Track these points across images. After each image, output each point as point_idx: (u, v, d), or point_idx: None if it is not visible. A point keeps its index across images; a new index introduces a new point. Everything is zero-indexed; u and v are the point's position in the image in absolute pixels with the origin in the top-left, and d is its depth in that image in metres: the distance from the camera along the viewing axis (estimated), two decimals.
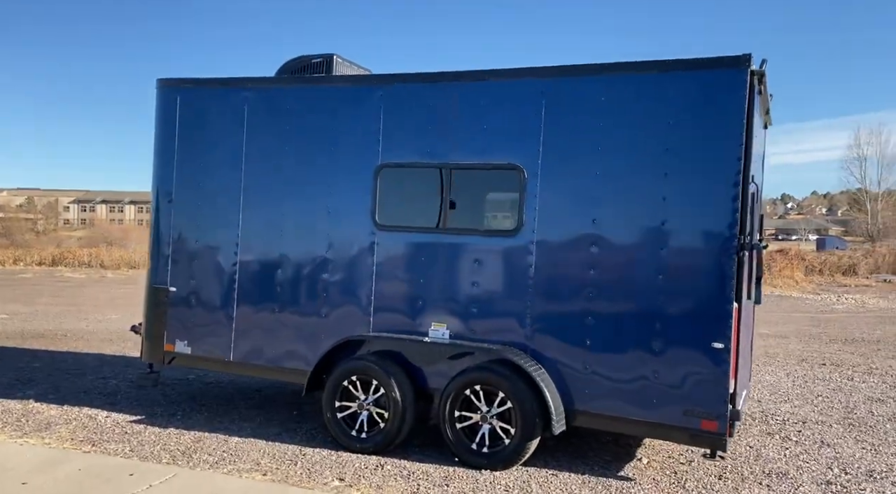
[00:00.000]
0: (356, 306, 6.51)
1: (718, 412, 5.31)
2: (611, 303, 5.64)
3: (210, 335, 7.09)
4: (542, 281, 5.85)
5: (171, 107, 7.31)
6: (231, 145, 7.03)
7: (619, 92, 5.64)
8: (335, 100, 6.63)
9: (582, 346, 5.71)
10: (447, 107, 6.20)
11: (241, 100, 7.00)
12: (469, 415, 5.93)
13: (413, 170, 6.39)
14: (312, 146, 6.70)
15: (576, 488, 5.47)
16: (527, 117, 5.91)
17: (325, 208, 6.64)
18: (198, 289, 7.17)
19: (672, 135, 5.46)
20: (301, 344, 6.69)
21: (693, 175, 5.41)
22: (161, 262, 7.37)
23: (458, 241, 6.18)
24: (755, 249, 5.47)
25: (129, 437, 6.53)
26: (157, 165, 7.44)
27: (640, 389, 5.53)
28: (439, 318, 6.21)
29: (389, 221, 6.44)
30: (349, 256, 6.57)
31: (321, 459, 6.00)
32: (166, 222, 7.35)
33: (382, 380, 6.14)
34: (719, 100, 5.33)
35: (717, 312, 5.32)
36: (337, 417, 6.32)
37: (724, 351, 5.29)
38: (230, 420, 7.18)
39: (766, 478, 5.79)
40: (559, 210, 5.83)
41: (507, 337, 5.95)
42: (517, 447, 5.72)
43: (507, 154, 5.99)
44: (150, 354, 7.46)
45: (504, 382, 5.76)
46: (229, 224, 7.03)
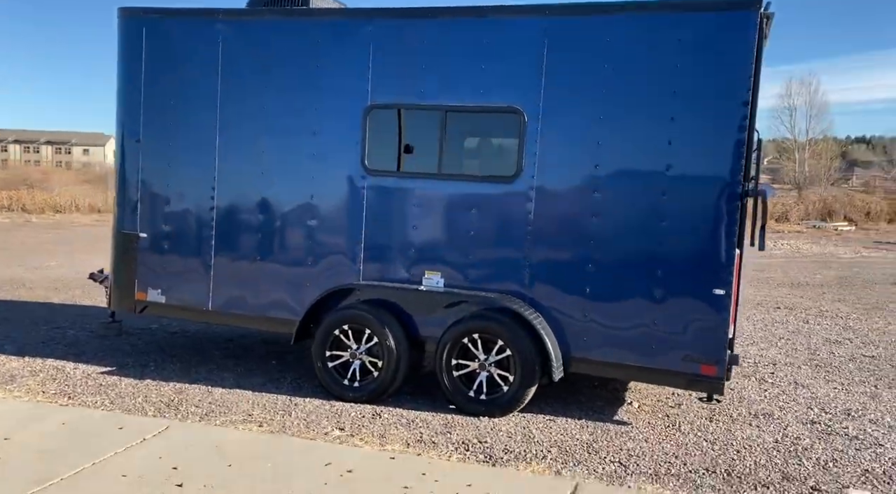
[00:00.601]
0: (345, 254, 6.29)
1: (718, 357, 5.37)
2: (612, 251, 5.60)
3: (186, 283, 6.78)
4: (542, 227, 5.75)
5: (135, 40, 6.81)
6: (204, 83, 6.61)
7: (625, 32, 5.49)
8: (320, 35, 6.27)
9: (581, 294, 5.67)
10: (443, 45, 5.94)
11: (215, 33, 6.55)
12: (466, 363, 5.86)
13: (405, 112, 6.15)
14: (295, 84, 6.36)
15: (575, 432, 5.50)
16: (528, 58, 5.71)
17: (309, 151, 6.34)
18: (171, 236, 6.81)
19: (679, 77, 5.36)
20: (286, 292, 6.46)
21: (699, 119, 5.35)
22: (129, 207, 6.96)
23: (453, 187, 6.00)
24: (760, 195, 5.48)
25: (104, 389, 6.24)
26: (122, 103, 6.97)
27: (639, 336, 5.54)
28: (433, 266, 6.06)
29: (380, 166, 6.20)
30: (336, 202, 6.32)
31: (314, 409, 5.86)
32: (133, 164, 6.93)
33: (376, 329, 5.99)
34: (729, 42, 5.24)
35: (720, 259, 5.33)
36: (328, 366, 6.17)
37: (726, 298, 5.33)
38: (208, 371, 6.94)
39: (754, 419, 5.94)
40: (560, 154, 5.70)
41: (505, 285, 5.86)
42: (516, 393, 5.70)
43: (506, 96, 5.79)
44: (120, 303, 7.12)
45: (503, 330, 5.69)
46: (204, 167, 6.66)
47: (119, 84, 6.97)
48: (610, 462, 4.92)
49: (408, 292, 6.04)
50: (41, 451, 4.73)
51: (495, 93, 5.82)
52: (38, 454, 4.69)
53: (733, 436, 5.52)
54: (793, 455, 5.15)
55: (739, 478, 4.72)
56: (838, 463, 5.02)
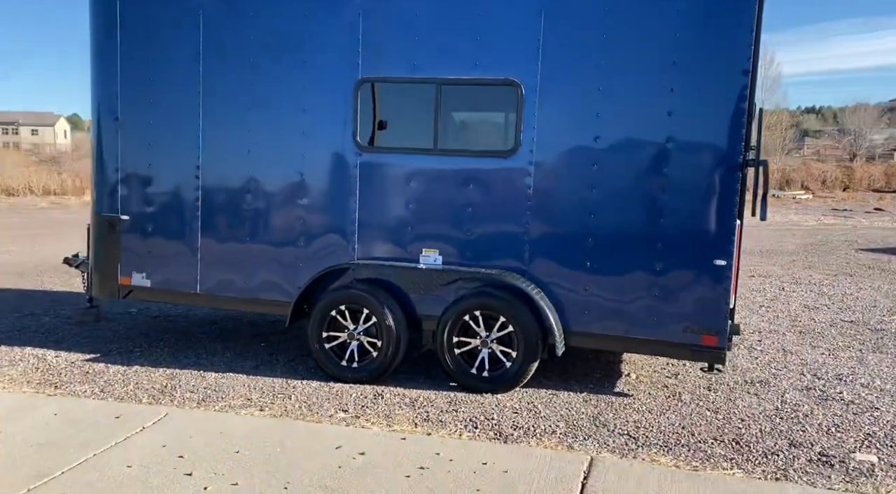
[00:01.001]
0: (337, 233, 6.16)
1: (719, 327, 5.39)
2: (612, 224, 5.56)
3: (172, 266, 6.58)
4: (541, 202, 5.68)
5: (110, 11, 6.51)
6: (185, 56, 6.37)
7: (624, 2, 5.41)
8: (308, 6, 6.07)
9: (582, 268, 5.64)
10: (436, 15, 5.79)
11: (196, 3, 6.30)
12: (468, 341, 5.80)
13: (398, 86, 6.01)
14: (281, 57, 6.15)
15: (580, 405, 5.50)
16: (525, 29, 5.60)
17: (298, 128, 6.17)
18: (155, 217, 6.59)
19: (679, 47, 5.32)
20: (277, 273, 6.31)
21: (699, 90, 5.31)
22: (108, 189, 6.71)
23: (449, 163, 5.89)
24: (761, 165, 5.49)
25: (92, 377, 6.05)
26: (98, 79, 6.68)
27: (640, 308, 5.54)
28: (430, 244, 5.97)
29: (372, 142, 6.06)
30: (328, 180, 6.17)
31: (314, 391, 5.76)
32: (112, 144, 6.66)
33: (374, 308, 5.89)
34: (729, 12, 5.20)
35: (721, 230, 5.34)
36: (325, 347, 6.06)
37: (726, 268, 5.34)
38: (197, 355, 6.77)
39: (751, 387, 6.01)
40: (559, 127, 5.62)
41: (504, 261, 5.80)
42: (519, 369, 5.67)
43: (502, 68, 5.68)
44: (101, 288, 6.89)
45: (505, 306, 5.65)
46: (188, 145, 6.43)
47: (93, 60, 6.68)
48: (619, 435, 4.93)
49: (405, 270, 5.95)
50: (38, 444, 4.56)
51: (491, 65, 5.71)
52: (34, 447, 4.52)
53: (734, 405, 5.57)
54: (795, 422, 5.22)
55: (748, 446, 4.77)
56: (840, 428, 5.11)
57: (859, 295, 10.37)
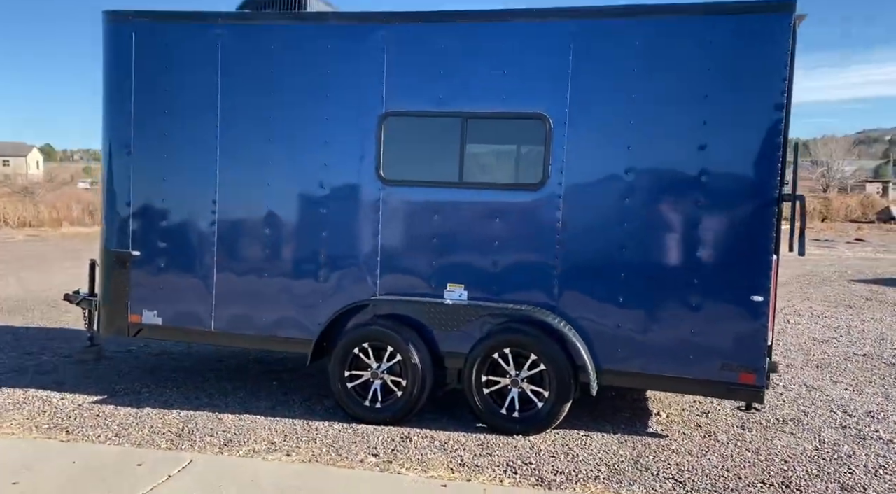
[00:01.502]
0: (359, 268, 5.99)
1: (757, 365, 5.28)
2: (645, 258, 5.45)
3: (185, 303, 6.36)
4: (571, 236, 5.57)
5: (124, 45, 6.37)
6: (203, 90, 6.22)
7: (656, 35, 5.36)
8: (330, 39, 5.96)
9: (614, 303, 5.51)
10: (462, 50, 5.71)
11: (214, 37, 6.17)
12: (497, 380, 5.63)
13: (423, 120, 5.89)
14: (303, 91, 6.03)
15: (616, 447, 5.33)
16: (554, 62, 5.53)
17: (320, 161, 6.03)
18: (168, 253, 6.38)
19: (712, 81, 5.26)
20: (296, 310, 6.12)
21: (733, 123, 5.25)
22: (119, 224, 6.49)
23: (475, 196, 5.77)
24: (797, 200, 5.43)
25: (103, 421, 5.78)
26: (109, 113, 6.50)
27: (675, 345, 5.42)
28: (456, 279, 5.82)
29: (396, 175, 5.92)
30: (350, 213, 6.01)
31: (338, 433, 5.54)
32: (124, 178, 6.46)
33: (399, 346, 5.71)
34: (762, 46, 5.16)
35: (757, 265, 5.25)
36: (347, 387, 5.86)
37: (764, 304, 5.24)
38: (208, 396, 6.52)
39: (785, 425, 5.88)
40: (589, 160, 5.54)
41: (532, 296, 5.66)
42: (551, 410, 5.50)
43: (530, 102, 5.60)
44: (109, 326, 6.63)
45: (537, 344, 5.50)
46: (204, 179, 6.26)
47: (105, 93, 6.50)
48: (664, 479, 4.77)
49: (430, 306, 5.78)
50: None
51: (519, 98, 5.62)
52: None
53: (773, 445, 5.44)
54: (840, 463, 5.09)
55: (798, 490, 4.63)
56: (888, 469, 4.99)
57: (864, 327, 10.34)
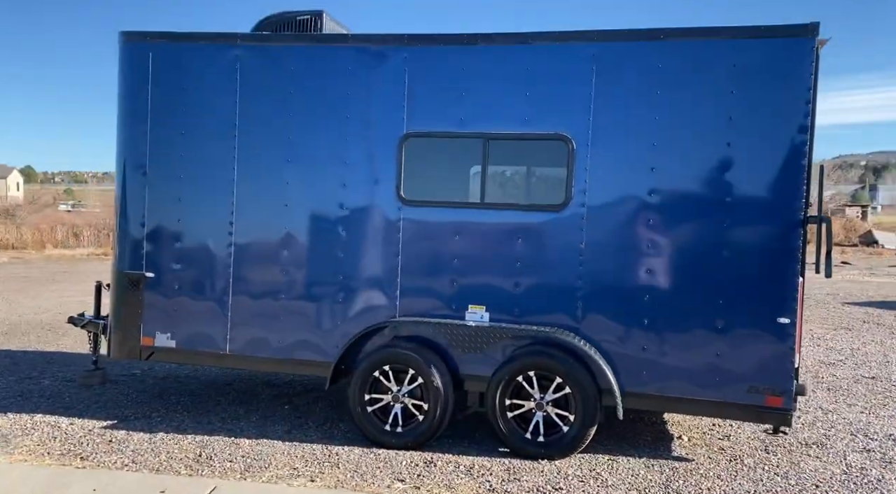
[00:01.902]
0: (379, 289, 5.93)
1: (784, 387, 5.25)
2: (670, 280, 5.43)
3: (200, 326, 6.26)
4: (594, 257, 5.54)
5: (141, 66, 6.32)
6: (221, 110, 6.18)
7: (678, 58, 5.39)
8: (350, 61, 5.95)
9: (639, 326, 5.48)
10: (484, 72, 5.71)
11: (233, 59, 6.15)
12: (521, 403, 5.57)
13: (444, 141, 5.87)
14: (323, 113, 6.00)
15: (644, 472, 5.27)
16: (576, 84, 5.54)
17: (339, 181, 5.99)
18: (183, 275, 6.29)
19: (735, 104, 5.28)
20: (314, 332, 6.04)
21: (757, 145, 5.26)
22: (132, 245, 6.40)
23: (497, 217, 5.74)
24: (823, 222, 5.43)
25: (117, 447, 5.64)
26: (125, 133, 6.44)
27: (701, 368, 5.38)
28: (477, 300, 5.77)
29: (417, 196, 5.89)
30: (369, 234, 5.97)
31: (359, 458, 5.44)
32: (138, 199, 6.39)
33: (421, 369, 5.64)
34: (786, 69, 5.19)
35: (784, 286, 5.24)
36: (367, 411, 5.77)
37: (791, 326, 5.23)
38: (221, 420, 6.40)
39: (809, 449, 5.84)
40: (612, 182, 5.53)
41: (555, 318, 5.62)
42: (577, 434, 5.43)
43: (553, 123, 5.60)
44: (120, 349, 6.51)
45: (563, 367, 5.44)
46: (221, 200, 6.20)
47: (120, 113, 6.44)
48: None
49: (452, 328, 5.72)
50: None
51: (541, 120, 5.62)
52: None
53: (801, 469, 5.39)
54: (871, 488, 5.05)
55: None
56: None
57: (866, 350, 10.37)
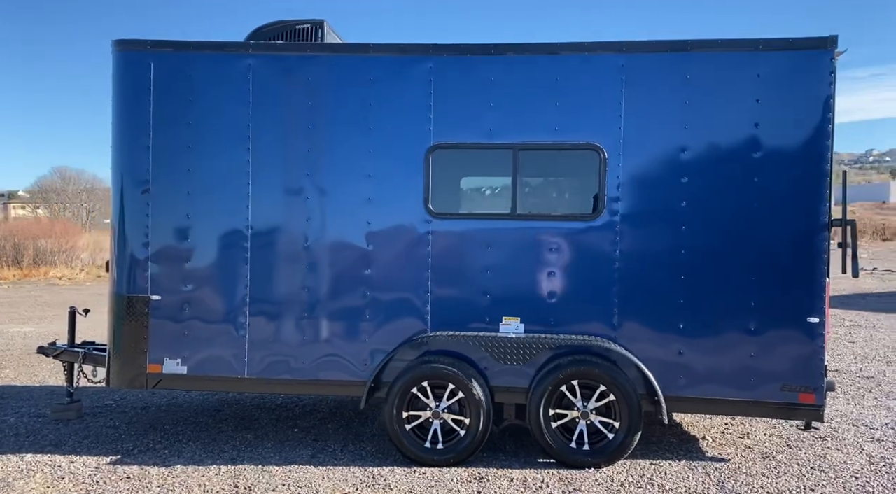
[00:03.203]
0: (409, 303, 5.79)
1: (816, 384, 5.44)
2: (704, 285, 5.55)
3: (214, 349, 5.93)
4: (628, 264, 5.60)
5: (141, 76, 5.97)
6: (233, 123, 5.91)
7: (705, 69, 5.53)
8: (373, 71, 5.81)
9: (674, 331, 5.57)
10: (513, 82, 5.70)
11: (244, 68, 5.90)
12: (564, 413, 5.54)
13: (473, 152, 5.82)
14: (345, 124, 5.84)
15: (694, 475, 5.34)
16: (606, 94, 5.61)
17: (363, 194, 5.82)
18: (193, 296, 5.95)
19: (760, 113, 5.47)
20: (340, 350, 5.84)
21: (782, 153, 5.46)
22: (135, 266, 6.01)
23: (529, 228, 5.72)
24: (849, 224, 5.67)
25: (140, 483, 5.25)
26: (123, 148, 6.06)
27: (736, 369, 5.51)
28: (511, 312, 5.72)
29: (446, 208, 5.81)
30: (398, 248, 5.83)
31: (406, 479, 5.27)
32: (140, 217, 6.01)
33: (461, 383, 5.53)
34: (809, 79, 5.42)
35: (812, 287, 5.44)
36: (406, 429, 5.60)
37: (820, 325, 5.43)
38: (234, 448, 6.06)
39: (826, 442, 6.07)
40: (644, 190, 5.61)
41: (591, 327, 5.64)
42: (623, 440, 5.45)
43: (584, 133, 5.64)
44: (121, 378, 6.08)
45: (607, 374, 5.45)
46: (235, 215, 5.91)
47: (117, 126, 6.06)
48: None
49: (487, 341, 5.64)
50: None
51: (572, 130, 5.66)
52: None
53: (831, 462, 5.60)
54: None
55: None
56: None
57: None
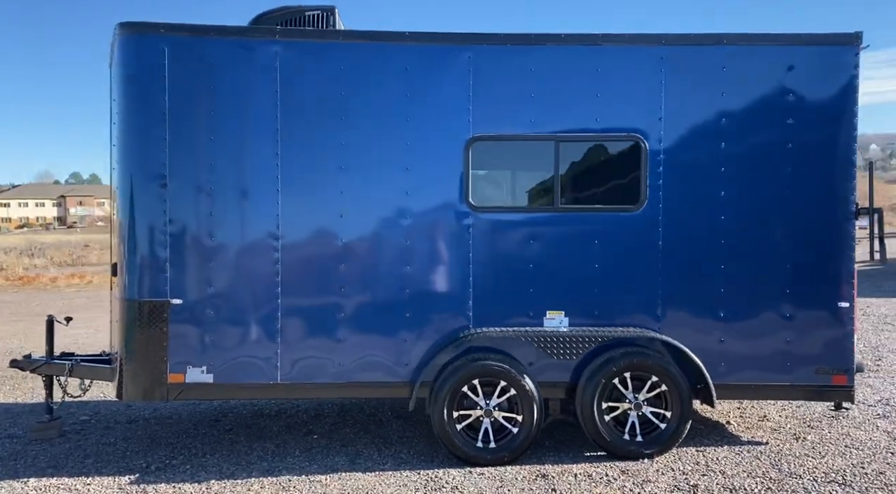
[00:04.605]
0: (450, 300, 5.63)
1: (847, 366, 5.67)
2: (742, 272, 5.67)
3: (243, 354, 5.56)
4: (671, 255, 5.65)
5: (154, 62, 5.50)
6: (258, 113, 5.55)
7: (740, 62, 5.64)
8: (409, 61, 5.60)
9: (716, 319, 5.67)
10: (554, 73, 5.63)
11: (271, 55, 5.55)
12: (616, 405, 5.54)
13: (514, 143, 5.71)
14: (380, 116, 5.60)
15: (739, 459, 5.46)
16: (647, 85, 5.63)
17: (401, 189, 5.61)
18: (219, 298, 5.55)
19: (792, 105, 5.64)
20: (379, 350, 5.61)
21: (814, 143, 5.65)
22: (151, 269, 5.54)
23: (572, 220, 5.68)
24: (875, 213, 5.93)
25: None
26: (132, 141, 5.57)
27: (773, 354, 5.67)
28: (554, 306, 5.66)
29: (486, 201, 5.68)
30: (437, 243, 5.65)
31: (469, 480, 5.13)
32: (156, 215, 5.54)
33: (513, 379, 5.43)
34: (836, 73, 5.62)
35: (843, 273, 5.67)
36: (457, 429, 5.44)
37: (850, 309, 5.67)
38: (259, 459, 5.70)
39: (837, 421, 6.35)
40: (684, 181, 5.68)
41: (635, 318, 5.66)
42: (676, 429, 5.51)
43: (625, 124, 5.65)
44: (137, 390, 5.61)
45: (659, 365, 5.48)
46: (264, 212, 5.56)
47: (124, 118, 5.57)
48: (826, 483, 4.95)
49: (534, 336, 5.56)
50: None
51: (613, 121, 5.65)
52: None
53: (857, 439, 5.86)
54: None
55: None
56: None
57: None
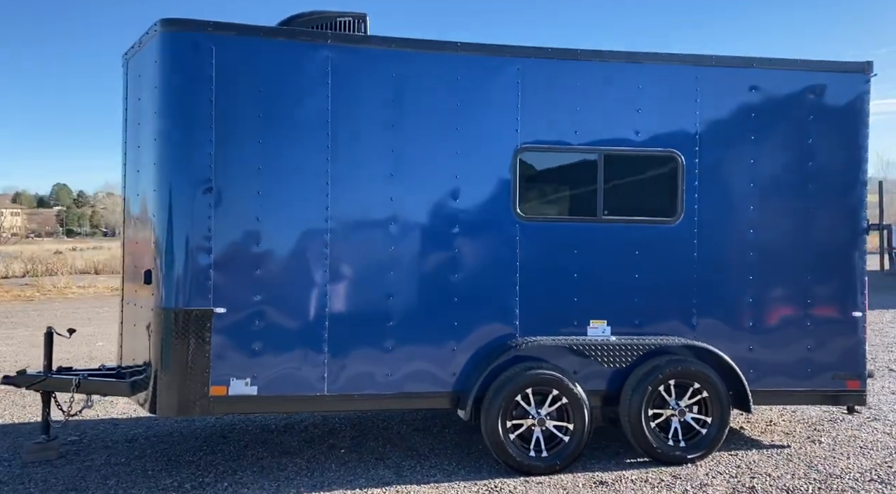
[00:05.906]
0: (498, 309, 5.66)
1: (860, 372, 6.07)
2: (769, 284, 5.99)
3: (289, 366, 5.38)
4: (705, 266, 5.90)
5: (200, 63, 5.29)
6: (309, 118, 5.43)
7: (767, 84, 5.99)
8: (459, 71, 5.62)
9: (745, 328, 5.95)
10: (598, 88, 5.81)
11: (323, 60, 5.45)
12: (660, 412, 5.70)
13: (559, 155, 5.84)
14: (430, 124, 5.59)
15: (771, 461, 5.73)
16: (683, 102, 5.89)
17: (450, 197, 5.62)
18: (265, 307, 5.35)
19: (813, 127, 6.03)
20: (427, 360, 5.56)
21: (832, 163, 6.06)
22: (193, 276, 5.29)
23: (614, 230, 5.84)
24: (885, 229, 6.38)
25: None
26: (172, 143, 5.32)
27: (797, 361, 6.00)
28: (597, 315, 5.80)
29: (533, 211, 5.76)
30: (485, 253, 5.68)
31: (525, 489, 5.16)
32: (200, 220, 5.29)
33: (565, 388, 5.50)
34: (850, 99, 6.06)
35: (855, 285, 6.09)
36: (510, 438, 5.45)
37: (862, 319, 6.08)
38: (296, 473, 5.52)
39: (841, 423, 6.75)
40: (718, 195, 5.95)
41: (672, 327, 5.87)
42: (717, 434, 5.72)
43: (663, 139, 5.88)
44: (173, 404, 5.31)
45: (701, 372, 5.69)
46: (314, 218, 5.43)
47: (163, 120, 5.31)
48: (867, 481, 5.27)
49: (581, 345, 5.66)
50: None
51: (652, 136, 5.87)
52: None
53: (864, 441, 6.26)
54: None
55: None
56: None
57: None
